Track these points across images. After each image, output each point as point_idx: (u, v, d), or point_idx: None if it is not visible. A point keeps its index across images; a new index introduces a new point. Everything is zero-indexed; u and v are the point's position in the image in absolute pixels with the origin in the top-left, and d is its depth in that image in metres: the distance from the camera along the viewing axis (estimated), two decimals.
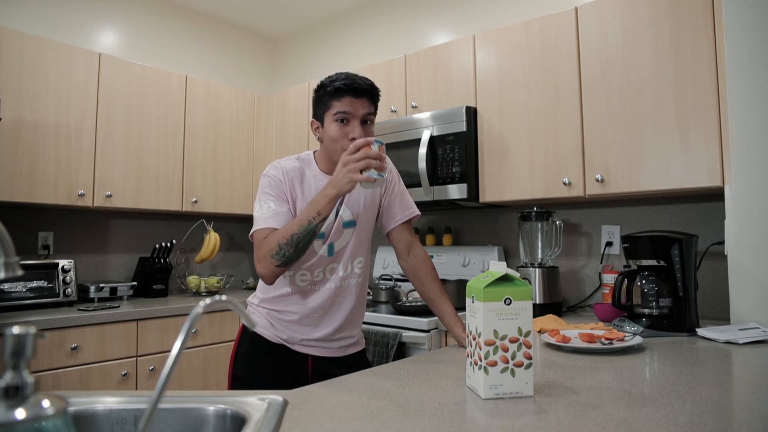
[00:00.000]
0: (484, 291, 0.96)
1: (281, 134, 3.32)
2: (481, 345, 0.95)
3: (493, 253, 2.53)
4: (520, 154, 2.23)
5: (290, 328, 1.44)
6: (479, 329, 0.96)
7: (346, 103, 1.32)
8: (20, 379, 0.51)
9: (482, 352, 0.95)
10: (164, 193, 2.89)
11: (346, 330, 1.47)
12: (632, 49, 1.95)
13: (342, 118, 1.33)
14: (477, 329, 0.97)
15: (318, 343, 1.44)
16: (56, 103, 2.49)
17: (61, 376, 2.16)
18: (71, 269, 2.56)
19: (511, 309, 0.96)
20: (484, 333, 0.95)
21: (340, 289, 1.45)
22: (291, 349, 1.44)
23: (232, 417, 0.88)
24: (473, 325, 1.00)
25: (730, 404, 0.93)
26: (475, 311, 0.99)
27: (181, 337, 0.59)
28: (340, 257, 1.44)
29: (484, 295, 0.96)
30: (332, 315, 1.45)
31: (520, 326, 0.96)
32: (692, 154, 1.81)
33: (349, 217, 1.44)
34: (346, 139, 1.32)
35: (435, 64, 2.54)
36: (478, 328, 0.97)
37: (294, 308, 1.43)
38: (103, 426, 0.89)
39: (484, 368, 0.95)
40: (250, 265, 3.72)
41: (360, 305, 1.50)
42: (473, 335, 0.99)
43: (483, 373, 0.95)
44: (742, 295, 1.62)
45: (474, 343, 0.99)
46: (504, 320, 0.96)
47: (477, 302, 0.98)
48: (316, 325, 1.44)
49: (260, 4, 3.48)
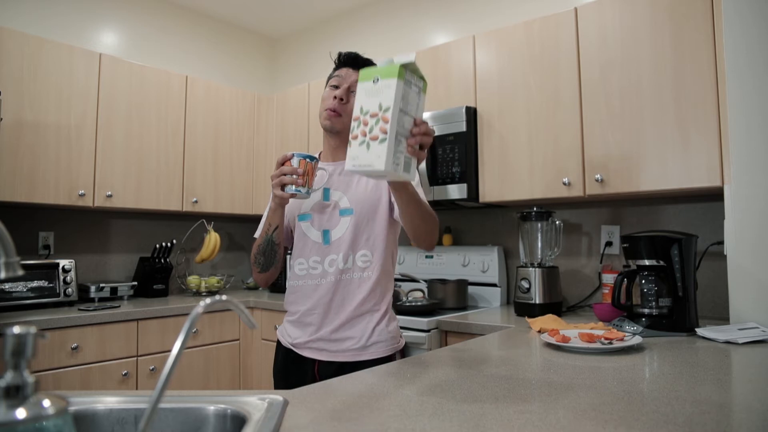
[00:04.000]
0: (361, 72, 1.02)
1: (281, 134, 3.32)
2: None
3: (493, 253, 2.53)
4: (519, 154, 2.23)
5: (296, 326, 1.45)
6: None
7: (341, 71, 1.46)
8: (21, 378, 0.51)
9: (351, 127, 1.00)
10: (164, 193, 2.89)
11: (348, 330, 1.39)
12: (632, 49, 1.95)
13: (335, 84, 1.45)
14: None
15: (321, 344, 1.41)
16: (57, 103, 2.49)
17: (61, 375, 2.16)
18: (72, 269, 2.56)
19: (377, 87, 0.98)
20: (354, 111, 1.00)
21: (342, 284, 1.40)
22: (298, 354, 1.44)
23: (233, 417, 0.88)
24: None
25: (729, 404, 0.93)
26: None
27: (182, 337, 0.59)
28: (338, 247, 1.41)
29: (360, 75, 1.02)
30: (335, 312, 1.40)
31: (381, 102, 0.96)
32: (692, 154, 1.81)
33: (347, 204, 1.42)
34: (331, 100, 1.43)
35: (435, 64, 2.54)
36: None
37: (297, 306, 1.45)
38: (103, 426, 0.89)
39: (349, 141, 1.00)
40: (250, 265, 3.72)
41: (369, 305, 1.41)
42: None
43: (348, 147, 1.00)
44: (741, 295, 1.63)
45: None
46: (370, 98, 0.98)
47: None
48: (318, 323, 1.41)
49: (260, 4, 3.48)
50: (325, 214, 1.43)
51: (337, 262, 1.40)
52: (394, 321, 1.48)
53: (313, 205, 1.45)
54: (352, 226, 1.41)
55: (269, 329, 2.76)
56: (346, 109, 1.41)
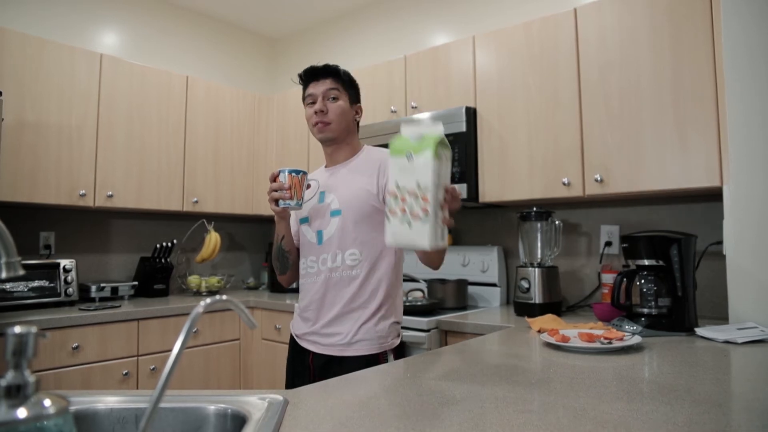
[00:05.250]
0: (391, 145, 1.01)
1: (282, 135, 3.32)
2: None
3: (492, 252, 2.53)
4: (519, 154, 2.23)
5: (300, 319, 1.56)
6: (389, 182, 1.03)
7: (310, 87, 1.53)
8: (22, 378, 0.52)
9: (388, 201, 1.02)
10: (165, 193, 2.90)
11: (336, 326, 1.45)
12: (631, 50, 1.95)
13: (309, 102, 1.54)
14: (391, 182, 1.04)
15: (315, 338, 1.50)
16: (58, 103, 2.50)
17: (62, 375, 2.16)
18: (72, 269, 2.57)
19: (412, 164, 0.99)
20: (389, 185, 1.02)
21: (331, 282, 1.47)
22: (298, 343, 1.55)
23: (233, 416, 0.89)
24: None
25: (728, 403, 0.93)
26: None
27: (182, 337, 0.59)
28: (329, 247, 1.48)
29: (391, 148, 1.01)
30: (327, 308, 1.48)
31: (419, 181, 0.98)
32: (691, 154, 1.81)
33: (337, 206, 1.49)
34: (314, 116, 1.50)
35: (435, 64, 2.54)
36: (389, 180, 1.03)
37: (302, 301, 1.56)
38: (104, 425, 0.89)
39: (387, 216, 1.02)
40: (250, 264, 3.73)
41: (357, 303, 1.45)
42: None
43: (386, 221, 1.02)
44: (740, 294, 1.63)
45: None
46: (406, 175, 0.99)
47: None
48: (314, 318, 1.50)
49: (260, 4, 3.49)
50: (319, 216, 1.52)
51: (328, 261, 1.48)
52: (386, 321, 1.47)
53: (311, 208, 1.54)
54: (340, 227, 1.47)
55: (269, 329, 2.76)
56: (330, 115, 1.50)
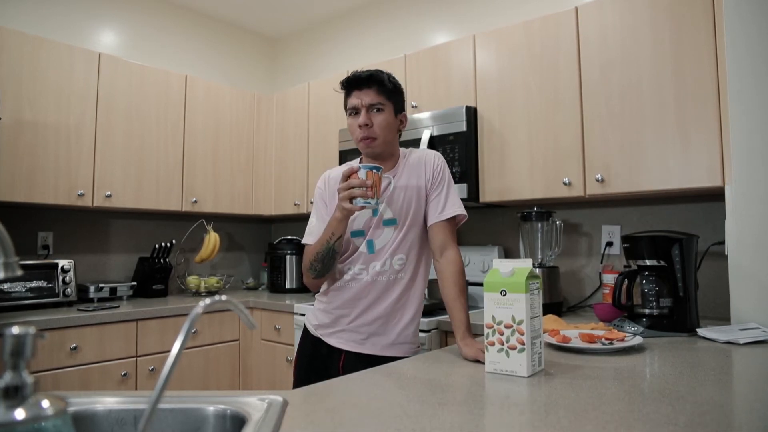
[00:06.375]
0: (486, 282, 1.14)
1: (281, 134, 3.32)
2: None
3: (493, 253, 2.53)
4: (520, 154, 2.23)
5: (328, 316, 1.53)
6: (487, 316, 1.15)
7: (353, 97, 1.47)
8: (20, 379, 0.51)
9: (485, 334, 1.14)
10: (164, 193, 2.89)
11: (379, 326, 1.48)
12: (632, 49, 1.95)
13: (351, 112, 1.48)
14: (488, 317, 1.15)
15: (350, 335, 1.48)
16: (56, 103, 2.49)
17: (60, 376, 2.16)
18: (71, 269, 2.56)
19: (506, 299, 1.11)
20: (485, 317, 1.14)
21: (378, 284, 1.48)
22: (326, 342, 1.51)
23: (232, 417, 0.88)
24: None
25: (730, 404, 0.93)
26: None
27: (181, 337, 0.59)
28: (380, 255, 1.48)
29: (485, 285, 1.14)
30: (371, 308, 1.48)
31: (514, 315, 1.10)
32: (692, 154, 1.80)
33: (390, 215, 1.48)
34: (358, 129, 1.46)
35: (435, 64, 2.54)
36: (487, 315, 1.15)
37: (337, 301, 1.52)
38: (102, 426, 0.89)
39: (486, 346, 1.13)
40: (249, 265, 3.72)
41: (401, 304, 1.50)
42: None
43: (485, 350, 1.13)
44: (742, 295, 1.62)
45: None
46: (501, 309, 1.12)
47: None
48: (352, 316, 1.49)
49: (260, 4, 3.48)
50: (371, 225, 1.49)
51: (377, 266, 1.48)
52: (417, 326, 1.56)
53: (362, 217, 1.49)
54: (397, 236, 1.48)
55: (269, 329, 2.75)
56: (376, 129, 1.46)
